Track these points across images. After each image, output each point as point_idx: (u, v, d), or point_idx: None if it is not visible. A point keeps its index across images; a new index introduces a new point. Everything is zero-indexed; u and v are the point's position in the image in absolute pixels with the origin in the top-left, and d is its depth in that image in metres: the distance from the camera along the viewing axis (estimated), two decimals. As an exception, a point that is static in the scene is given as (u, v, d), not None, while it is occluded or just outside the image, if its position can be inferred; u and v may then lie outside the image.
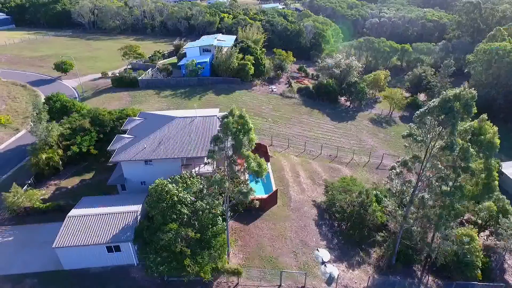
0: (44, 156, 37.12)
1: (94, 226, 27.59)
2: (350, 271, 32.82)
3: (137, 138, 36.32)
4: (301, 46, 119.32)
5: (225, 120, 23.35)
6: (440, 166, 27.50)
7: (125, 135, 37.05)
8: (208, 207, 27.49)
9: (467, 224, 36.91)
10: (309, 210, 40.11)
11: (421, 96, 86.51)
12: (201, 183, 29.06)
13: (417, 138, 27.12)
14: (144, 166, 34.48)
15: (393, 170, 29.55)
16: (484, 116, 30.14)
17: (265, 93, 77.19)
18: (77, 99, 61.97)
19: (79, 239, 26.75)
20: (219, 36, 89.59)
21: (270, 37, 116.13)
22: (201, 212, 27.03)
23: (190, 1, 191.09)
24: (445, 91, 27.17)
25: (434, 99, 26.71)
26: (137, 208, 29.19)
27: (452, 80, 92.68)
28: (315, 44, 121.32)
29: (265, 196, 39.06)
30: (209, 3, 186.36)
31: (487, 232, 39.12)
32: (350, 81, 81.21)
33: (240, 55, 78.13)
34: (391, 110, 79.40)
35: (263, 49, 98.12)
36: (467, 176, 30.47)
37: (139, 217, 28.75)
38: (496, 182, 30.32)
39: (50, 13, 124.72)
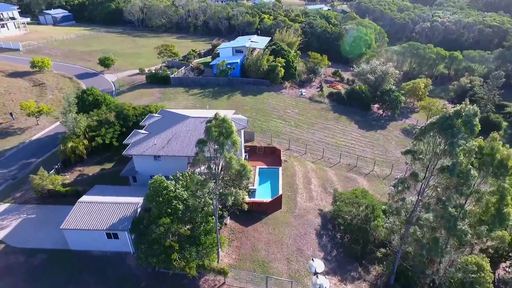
0: (70, 144, 40.97)
1: (98, 213, 30.10)
2: (343, 285, 32.15)
3: (151, 134, 38.64)
4: (340, 49, 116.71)
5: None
6: (439, 187, 26.00)
7: (141, 131, 39.56)
8: (201, 205, 28.58)
9: (480, 253, 34.19)
10: (313, 219, 39.73)
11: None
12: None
13: (416, 156, 25.88)
14: (154, 161, 36.63)
15: (392, 187, 28.40)
16: (495, 134, 27.80)
17: (293, 96, 76.99)
18: (113, 92, 66.91)
19: (83, 223, 29.40)
20: (254, 37, 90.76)
21: (308, 39, 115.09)
22: (193, 209, 28.21)
23: (236, 1, 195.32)
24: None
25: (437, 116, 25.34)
26: (139, 200, 31.24)
27: (501, 92, 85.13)
28: (355, 48, 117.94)
29: (267, 200, 39.42)
30: (254, 3, 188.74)
31: (507, 263, 36.05)
32: (384, 88, 78.18)
33: (271, 57, 78.59)
34: (427, 122, 75.03)
35: (298, 51, 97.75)
36: (473, 199, 28.46)
37: (139, 209, 30.77)
38: (510, 209, 27.78)
39: (105, 11, 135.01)
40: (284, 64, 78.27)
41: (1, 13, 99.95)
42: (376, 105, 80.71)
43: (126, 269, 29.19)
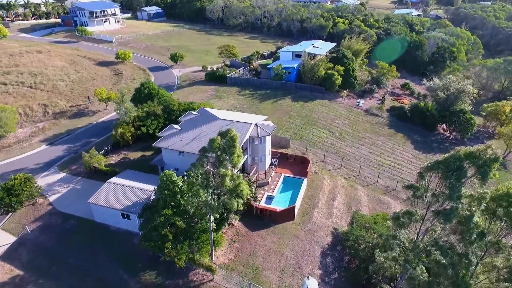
0: (120, 130, 47.13)
1: (119, 195, 34.55)
2: (332, 311, 31.08)
3: (182, 130, 42.18)
4: (418, 60, 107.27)
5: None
6: (439, 230, 23.42)
7: (176, 126, 43.37)
8: (200, 203, 30.63)
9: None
10: (324, 237, 38.75)
11: None
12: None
13: (416, 193, 23.73)
14: (178, 156, 40.03)
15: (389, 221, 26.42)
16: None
17: (348, 107, 74.16)
18: (175, 86, 73.55)
19: (106, 201, 34.15)
20: (318, 42, 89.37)
21: (384, 46, 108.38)
22: (189, 207, 30.42)
23: (317, 2, 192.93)
24: None
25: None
26: (152, 188, 34.79)
27: None
28: (437, 60, 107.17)
29: (278, 208, 39.69)
30: (336, 5, 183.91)
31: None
32: (455, 108, 70.07)
33: (330, 64, 76.70)
34: (506, 151, 65.39)
35: (365, 59, 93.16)
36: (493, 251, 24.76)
37: (152, 197, 34.32)
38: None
39: (191, 9, 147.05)
40: (343, 73, 75.67)
41: (106, 10, 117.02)
42: (443, 126, 72.93)
43: (131, 247, 33.02)
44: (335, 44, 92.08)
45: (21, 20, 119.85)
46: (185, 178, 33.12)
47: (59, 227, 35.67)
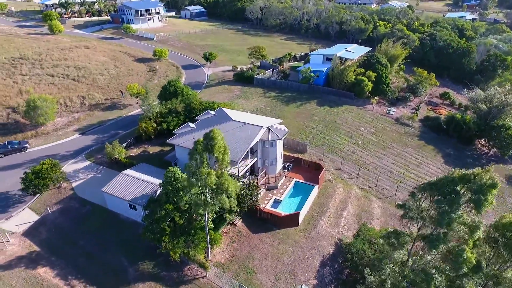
0: (143, 125, 49.87)
1: (129, 186, 36.77)
2: (320, 323, 30.59)
3: (197, 128, 43.62)
4: (464, 68, 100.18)
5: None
6: (428, 256, 22.14)
7: (191, 124, 44.95)
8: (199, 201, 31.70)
9: None
10: (326, 246, 38.10)
11: None
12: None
13: (406, 214, 22.68)
14: (189, 153, 41.47)
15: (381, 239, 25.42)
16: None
17: (377, 114, 71.46)
18: (203, 85, 75.81)
19: (117, 191, 36.54)
20: (352, 46, 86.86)
21: (426, 52, 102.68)
22: (188, 205, 31.60)
23: (364, 4, 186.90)
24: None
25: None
26: (159, 183, 36.53)
27: None
28: (486, 69, 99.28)
29: (282, 213, 39.63)
30: (382, 7, 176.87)
31: None
32: (497, 122, 64.69)
33: (361, 69, 74.35)
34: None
35: (402, 65, 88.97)
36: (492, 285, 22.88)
37: (158, 190, 36.05)
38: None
39: (232, 9, 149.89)
40: (374, 79, 73.00)
41: (150, 9, 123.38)
42: (481, 141, 67.72)
43: (136, 236, 35.00)
44: (370, 48, 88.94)
45: (76, 17, 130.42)
46: (184, 174, 34.31)
47: (76, 211, 38.83)
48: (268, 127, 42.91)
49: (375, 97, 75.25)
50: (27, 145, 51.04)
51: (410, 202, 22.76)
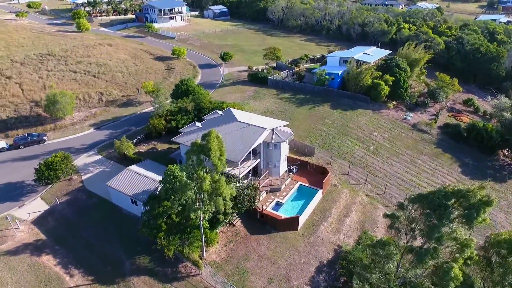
0: (153, 122, 51.12)
1: (132, 181, 37.84)
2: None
3: (203, 128, 44.14)
4: (492, 74, 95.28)
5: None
6: (417, 270, 21.32)
7: (198, 123, 45.57)
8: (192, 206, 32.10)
9: None
10: (324, 252, 37.55)
11: None
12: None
13: (394, 225, 21.99)
14: (193, 152, 42.08)
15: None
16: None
17: (393, 119, 69.46)
18: (218, 84, 76.58)
19: (120, 186, 37.70)
20: (371, 49, 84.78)
21: (451, 57, 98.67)
22: (185, 203, 32.06)
23: (391, 5, 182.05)
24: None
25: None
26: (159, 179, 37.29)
27: None
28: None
29: (281, 216, 39.39)
30: (410, 8, 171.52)
31: None
32: (522, 133, 61.35)
33: (378, 73, 72.47)
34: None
35: (424, 70, 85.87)
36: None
37: (159, 187, 36.83)
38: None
39: (254, 9, 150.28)
40: (392, 83, 70.95)
41: (173, 8, 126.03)
42: (505, 151, 64.33)
43: (135, 231, 35.93)
44: (390, 51, 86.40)
45: (104, 15, 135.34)
46: (183, 173, 34.83)
47: (83, 202, 40.42)
48: (272, 129, 42.76)
49: (392, 102, 73.18)
50: (45, 137, 53.65)
51: (399, 213, 22.02)
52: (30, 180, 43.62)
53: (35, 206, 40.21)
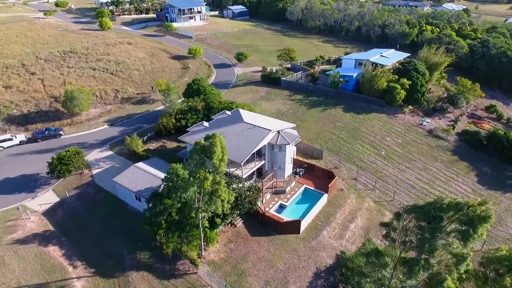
0: (163, 120, 52.08)
1: (137, 178, 38.70)
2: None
3: (210, 127, 44.57)
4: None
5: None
6: (408, 281, 20.66)
7: (205, 123, 46.03)
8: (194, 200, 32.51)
9: None
10: (325, 258, 37.08)
11: None
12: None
13: (388, 234, 21.44)
14: (199, 151, 42.54)
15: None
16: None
17: (408, 124, 67.60)
18: (231, 84, 76.99)
19: (126, 182, 38.64)
20: (389, 51, 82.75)
21: (476, 60, 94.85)
22: (185, 201, 32.47)
23: (415, 7, 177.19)
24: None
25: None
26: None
27: None
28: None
29: (282, 219, 39.16)
30: (435, 10, 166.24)
31: None
32: (546, 143, 58.21)
33: (394, 76, 70.69)
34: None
35: (444, 74, 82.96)
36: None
37: (163, 184, 37.45)
38: None
39: (273, 9, 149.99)
40: (408, 87, 69.03)
41: (193, 8, 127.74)
42: (527, 161, 61.28)
43: (138, 227, 36.71)
44: (409, 54, 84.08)
45: (126, 14, 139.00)
46: (185, 171, 35.25)
47: (91, 196, 41.75)
48: (278, 131, 42.59)
49: (408, 106, 71.26)
50: (61, 132, 55.77)
51: (394, 222, 21.43)
52: (44, 173, 45.44)
53: (47, 198, 41.88)
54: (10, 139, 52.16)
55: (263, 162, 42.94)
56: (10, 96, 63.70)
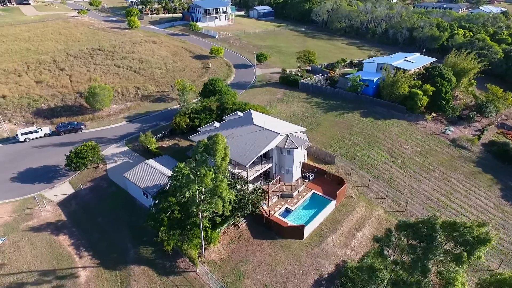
0: (177, 119, 53.20)
1: (146, 175, 39.78)
2: None
3: (220, 128, 45.03)
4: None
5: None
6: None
7: (216, 123, 46.55)
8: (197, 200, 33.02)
9: None
10: (326, 266, 36.43)
11: None
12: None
13: (381, 251, 20.77)
14: (208, 151, 43.08)
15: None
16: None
17: (430, 132, 64.96)
18: (249, 85, 77.23)
19: (135, 178, 39.83)
20: (414, 56, 79.73)
21: (511, 66, 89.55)
22: (187, 199, 33.02)
23: (450, 9, 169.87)
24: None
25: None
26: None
27: None
28: None
29: (286, 223, 38.83)
30: (471, 12, 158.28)
31: None
32: None
33: (418, 82, 68.07)
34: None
35: (473, 81, 78.91)
36: None
37: (169, 182, 38.27)
38: None
39: (299, 10, 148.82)
40: (431, 93, 66.28)
41: (218, 8, 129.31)
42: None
43: (142, 220, 37.74)
44: (435, 59, 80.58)
45: (154, 13, 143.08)
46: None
47: (103, 190, 43.41)
48: (287, 135, 42.29)
49: (431, 114, 68.40)
50: (83, 126, 58.34)
51: (386, 239, 20.68)
52: (63, 165, 47.76)
53: (63, 189, 44.01)
54: (36, 131, 55.23)
55: (270, 165, 42.80)
56: (40, 91, 67.44)
